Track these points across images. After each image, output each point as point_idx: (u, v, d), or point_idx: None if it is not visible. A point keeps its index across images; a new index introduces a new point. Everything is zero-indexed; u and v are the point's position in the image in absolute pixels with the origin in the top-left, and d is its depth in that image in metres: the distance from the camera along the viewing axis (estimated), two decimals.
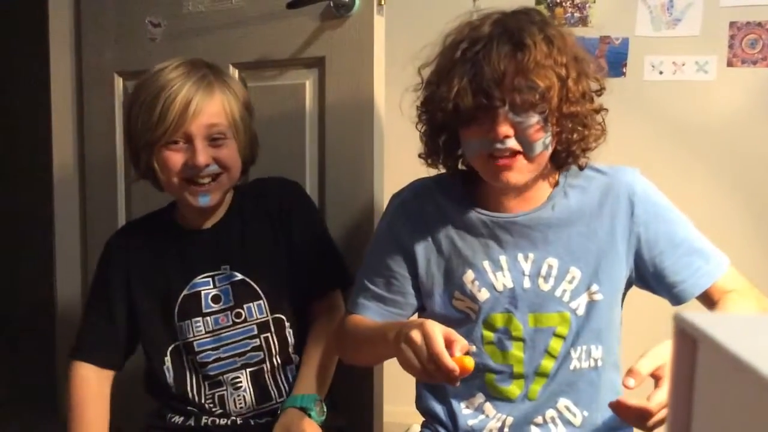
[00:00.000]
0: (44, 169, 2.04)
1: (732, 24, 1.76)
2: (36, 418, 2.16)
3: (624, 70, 1.81)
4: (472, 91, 0.98)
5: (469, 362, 0.91)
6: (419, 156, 1.14)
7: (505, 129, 0.99)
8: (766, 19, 1.74)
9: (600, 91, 1.06)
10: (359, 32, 1.43)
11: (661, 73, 1.80)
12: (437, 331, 0.91)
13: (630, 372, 0.88)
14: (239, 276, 1.24)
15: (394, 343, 0.96)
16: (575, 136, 1.03)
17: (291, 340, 1.27)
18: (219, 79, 1.22)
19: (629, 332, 1.18)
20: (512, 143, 1.00)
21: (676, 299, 1.09)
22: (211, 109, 1.18)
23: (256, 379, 1.25)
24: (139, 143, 1.20)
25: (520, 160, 1.02)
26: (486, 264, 1.10)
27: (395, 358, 0.97)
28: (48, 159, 1.98)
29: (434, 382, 0.94)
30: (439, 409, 1.15)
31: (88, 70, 1.78)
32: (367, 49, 1.42)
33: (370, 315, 1.15)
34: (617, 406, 0.90)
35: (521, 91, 0.97)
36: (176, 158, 1.18)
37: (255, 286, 1.24)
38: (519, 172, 1.02)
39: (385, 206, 1.24)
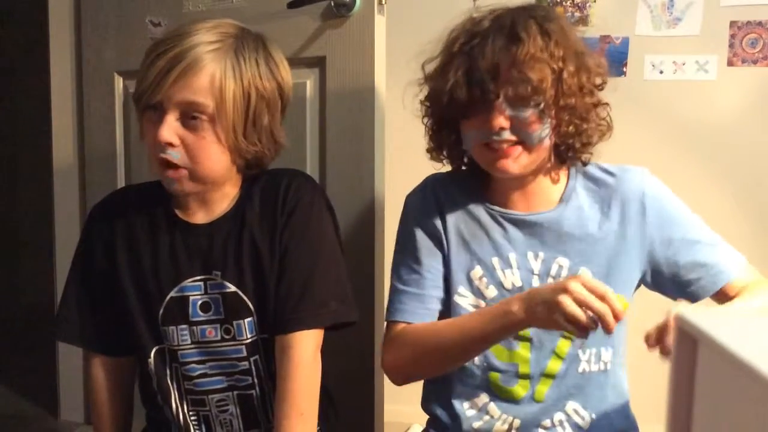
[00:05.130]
0: (44, 169, 2.04)
1: (732, 23, 1.76)
2: (37, 418, 2.16)
3: (624, 70, 1.81)
4: (466, 84, 1.00)
5: (625, 302, 0.92)
6: (426, 151, 1.14)
7: (500, 121, 1.00)
8: (767, 18, 1.74)
9: (601, 86, 1.06)
10: (360, 32, 1.43)
11: (661, 72, 1.80)
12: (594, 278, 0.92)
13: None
14: (231, 287, 1.09)
15: (528, 312, 0.94)
16: (572, 128, 1.03)
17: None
18: (231, 50, 1.03)
19: (631, 332, 1.18)
20: (508, 135, 1.01)
21: (693, 297, 1.08)
22: (195, 79, 1.00)
23: (244, 403, 1.13)
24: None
25: (518, 149, 1.02)
26: (495, 261, 1.10)
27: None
28: (48, 159, 1.98)
29: (592, 331, 0.92)
30: (443, 410, 1.14)
31: (88, 70, 1.78)
32: (368, 49, 1.42)
33: (416, 319, 1.10)
34: (648, 340, 0.88)
35: (515, 84, 0.98)
36: (152, 132, 1.02)
37: (247, 301, 1.09)
38: (516, 161, 1.03)
39: (385, 205, 1.24)
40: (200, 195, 1.11)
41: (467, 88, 1.00)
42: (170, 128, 1.01)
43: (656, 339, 0.86)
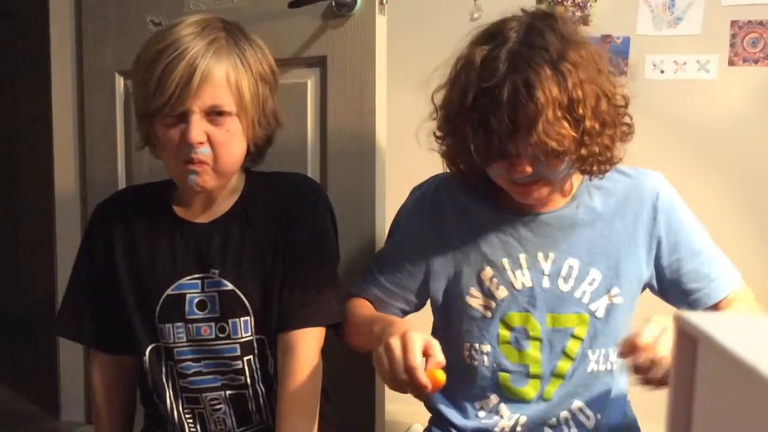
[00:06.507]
0: (45, 168, 2.04)
1: (733, 23, 1.76)
2: (37, 418, 2.16)
3: (625, 69, 1.81)
4: (485, 144, 0.97)
5: (441, 377, 0.88)
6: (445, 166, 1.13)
7: (523, 169, 0.98)
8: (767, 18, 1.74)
9: (624, 106, 1.04)
10: (361, 31, 1.43)
11: (662, 72, 1.80)
12: (417, 344, 0.87)
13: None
14: (229, 285, 1.10)
15: (375, 340, 0.95)
16: (595, 168, 1.03)
17: (272, 366, 1.13)
18: (231, 44, 1.05)
19: None
20: (532, 177, 1.00)
21: (689, 306, 1.09)
22: (213, 83, 1.02)
23: (237, 402, 1.13)
24: (137, 109, 1.08)
25: (543, 185, 1.02)
26: (505, 261, 1.09)
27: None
28: (48, 158, 1.98)
29: (401, 393, 0.93)
30: (448, 409, 1.14)
31: (88, 70, 1.78)
32: (369, 49, 1.42)
33: (368, 299, 1.17)
34: (627, 352, 0.87)
35: (534, 147, 0.95)
36: (173, 135, 1.04)
37: (244, 300, 1.10)
38: (542, 194, 1.03)
39: (386, 204, 1.24)
40: (207, 193, 1.12)
41: (486, 148, 0.97)
42: (199, 128, 1.02)
43: (625, 351, 0.87)
